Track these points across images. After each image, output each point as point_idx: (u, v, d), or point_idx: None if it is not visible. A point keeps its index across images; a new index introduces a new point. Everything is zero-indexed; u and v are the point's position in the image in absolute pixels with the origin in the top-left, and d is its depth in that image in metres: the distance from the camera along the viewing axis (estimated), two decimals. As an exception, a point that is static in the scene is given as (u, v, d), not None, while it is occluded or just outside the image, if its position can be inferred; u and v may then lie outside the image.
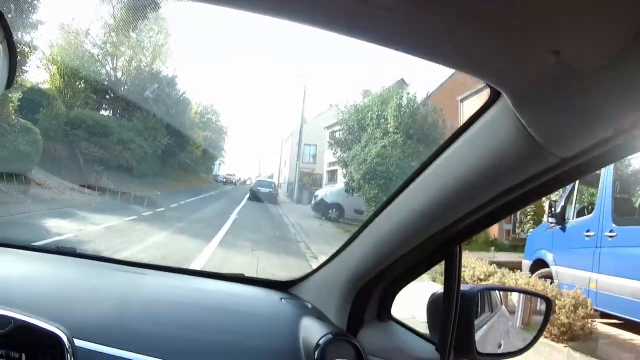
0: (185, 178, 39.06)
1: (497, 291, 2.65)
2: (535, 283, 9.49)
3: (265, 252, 14.94)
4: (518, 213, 19.99)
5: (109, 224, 16.55)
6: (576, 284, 10.00)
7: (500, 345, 2.45)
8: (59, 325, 1.69)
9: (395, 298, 2.35)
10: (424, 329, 2.24)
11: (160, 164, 33.48)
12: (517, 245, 18.82)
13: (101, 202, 21.62)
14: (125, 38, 34.33)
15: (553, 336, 8.63)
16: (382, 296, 2.28)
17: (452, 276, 1.93)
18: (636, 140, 1.23)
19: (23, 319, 1.65)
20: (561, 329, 8.56)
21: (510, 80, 1.18)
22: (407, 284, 2.25)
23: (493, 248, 18.72)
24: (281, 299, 2.58)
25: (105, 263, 2.94)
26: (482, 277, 10.68)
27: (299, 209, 31.79)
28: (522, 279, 10.00)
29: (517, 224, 20.62)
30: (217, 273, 2.96)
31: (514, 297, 2.73)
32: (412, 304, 3.31)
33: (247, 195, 34.89)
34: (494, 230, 20.95)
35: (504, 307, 2.56)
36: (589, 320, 8.81)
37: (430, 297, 2.13)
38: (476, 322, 2.11)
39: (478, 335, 2.11)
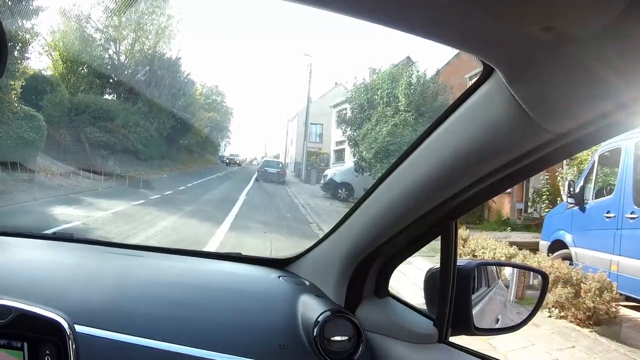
0: (191, 160, 39.13)
1: (494, 266, 2.58)
2: (559, 266, 9.13)
3: (278, 234, 14.68)
4: (530, 192, 19.85)
5: (117, 209, 16.39)
6: (597, 266, 9.76)
7: (497, 320, 2.38)
8: (59, 312, 1.69)
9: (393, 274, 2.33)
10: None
11: (167, 147, 33.48)
12: (530, 225, 18.63)
13: (108, 187, 21.51)
14: (127, 21, 34.31)
15: (578, 321, 8.44)
16: (379, 272, 2.28)
17: (448, 251, 1.95)
18: (635, 116, 1.23)
19: (23, 307, 1.64)
20: (587, 313, 8.37)
21: (503, 55, 1.17)
22: (404, 260, 2.26)
23: (509, 228, 18.35)
24: (279, 276, 2.57)
25: (104, 247, 2.97)
26: (502, 258, 10.18)
27: (308, 188, 31.70)
28: (545, 261, 9.72)
29: (529, 204, 20.22)
30: (215, 253, 3.08)
31: (507, 271, 2.55)
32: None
33: (255, 176, 35.01)
34: (506, 209, 20.78)
35: (500, 281, 2.45)
36: (614, 304, 8.59)
37: (427, 273, 2.13)
38: (473, 297, 2.13)
39: (475, 310, 2.12)
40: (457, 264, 1.98)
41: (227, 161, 50.81)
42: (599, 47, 1.02)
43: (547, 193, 18.10)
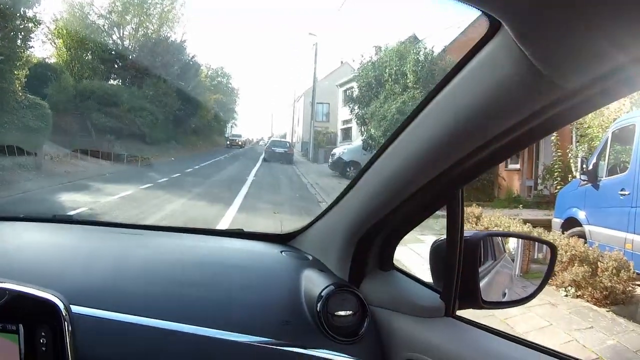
0: (198, 142, 39.19)
1: (499, 237, 2.47)
2: (576, 244, 9.02)
3: (288, 214, 14.69)
4: (540, 169, 19.61)
5: (125, 193, 16.33)
6: (611, 244, 9.69)
7: (504, 294, 2.32)
8: (54, 292, 1.59)
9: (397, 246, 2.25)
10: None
11: (173, 130, 33.59)
12: (540, 202, 18.37)
13: (115, 172, 21.47)
14: (130, 6, 34.33)
15: (595, 300, 8.35)
16: (384, 245, 2.21)
17: (455, 221, 1.87)
18: None
19: (18, 289, 1.56)
20: (603, 292, 8.27)
21: (512, 8, 1.12)
22: (408, 231, 2.17)
23: (520, 206, 18.09)
24: (281, 251, 2.53)
25: (104, 227, 2.99)
26: None
27: (316, 168, 31.70)
28: (560, 239, 9.54)
29: (539, 181, 20.01)
30: (217, 230, 3.14)
31: (512, 245, 2.49)
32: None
33: (262, 156, 35.08)
34: (516, 186, 20.67)
35: (506, 254, 2.38)
36: (631, 284, 8.51)
37: (432, 244, 2.05)
38: (481, 269, 2.06)
39: (482, 283, 2.05)
40: (464, 235, 1.91)
41: (228, 143, 47.62)
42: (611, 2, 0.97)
43: (559, 170, 17.77)
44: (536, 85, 1.26)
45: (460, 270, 1.88)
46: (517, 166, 20.17)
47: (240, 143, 49.65)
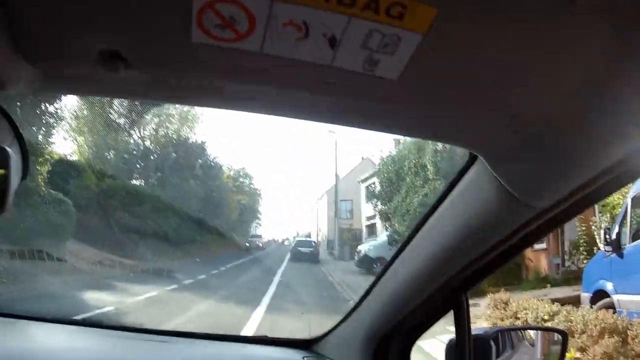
0: (223, 242, 38.62)
1: (512, 331, 2.66)
2: (604, 317, 9.15)
3: (316, 314, 14.50)
4: (566, 245, 19.74)
5: (150, 294, 16.11)
6: None
7: None
8: None
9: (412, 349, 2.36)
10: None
11: (197, 230, 33.36)
12: (569, 279, 18.35)
13: (140, 272, 21.27)
14: (149, 106, 34.97)
15: None
16: (400, 348, 2.31)
17: (462, 323, 2.01)
18: (618, 179, 1.32)
19: None
20: (635, 359, 8.32)
21: (482, 143, 1.33)
22: (421, 334, 2.30)
23: (549, 285, 18.10)
24: (303, 357, 2.60)
25: (130, 333, 2.99)
26: (546, 317, 10.32)
27: (342, 265, 31.47)
28: (589, 314, 9.73)
29: (566, 257, 19.96)
30: (241, 336, 3.21)
31: (531, 331, 2.71)
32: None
33: (288, 257, 34.82)
34: (543, 266, 20.61)
35: (526, 341, 2.54)
36: None
37: (447, 344, 2.14)
38: None
39: None
40: (474, 333, 2.08)
41: (247, 245, 41.74)
42: (561, 128, 1.16)
43: (584, 244, 18.00)
44: (512, 208, 1.42)
45: None
46: (544, 245, 19.99)
47: (261, 245, 45.52)
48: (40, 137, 21.22)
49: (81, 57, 1.01)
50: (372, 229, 36.81)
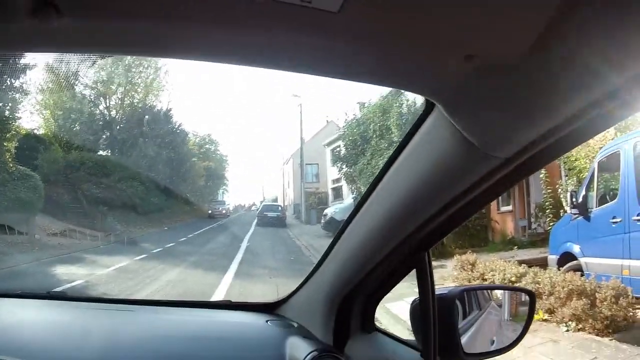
0: (190, 211, 38.52)
1: (477, 291, 2.62)
2: (572, 279, 9.19)
3: (284, 277, 14.58)
4: (532, 208, 19.77)
5: (119, 265, 16.25)
6: (608, 273, 9.72)
7: (493, 342, 2.41)
8: None
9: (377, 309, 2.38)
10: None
11: (165, 199, 33.25)
12: (535, 241, 18.37)
13: (109, 244, 21.29)
14: (115, 76, 34.43)
15: (597, 331, 8.47)
16: (363, 308, 2.30)
17: (425, 283, 1.95)
18: (580, 130, 1.27)
19: None
20: (604, 322, 8.42)
21: (436, 89, 1.23)
22: (385, 294, 2.29)
23: (515, 247, 17.95)
24: (267, 321, 2.58)
25: (97, 303, 3.01)
26: (513, 279, 10.37)
27: (309, 229, 31.37)
28: (557, 276, 9.76)
29: (532, 220, 20.00)
30: (205, 302, 3.15)
31: (498, 291, 2.70)
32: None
33: (255, 222, 34.74)
34: (510, 228, 20.58)
35: (493, 302, 2.53)
36: (631, 309, 8.69)
37: (412, 304, 2.10)
38: (463, 322, 2.17)
39: (467, 336, 2.15)
40: (438, 292, 1.99)
41: (210, 212, 40.82)
42: (527, 71, 1.08)
43: (550, 207, 17.89)
44: (473, 157, 1.35)
45: (436, 328, 1.92)
46: (510, 208, 20.23)
47: (224, 212, 43.60)
48: (6, 113, 21.22)
49: (8, 9, 0.91)
50: (338, 192, 36.86)
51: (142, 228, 26.44)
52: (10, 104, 21.38)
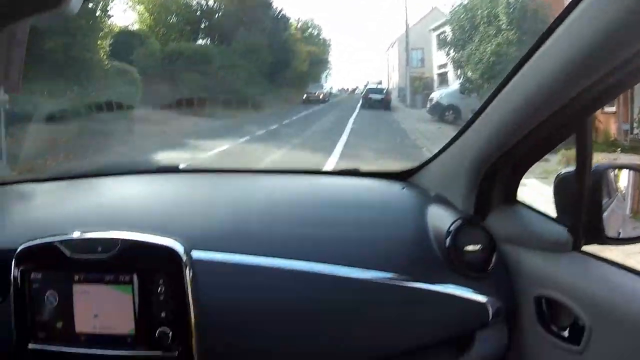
0: (294, 95, 39.10)
1: (612, 175, 2.15)
2: None
3: (390, 160, 14.48)
4: (636, 113, 19.11)
5: (223, 148, 16.32)
6: None
7: (619, 233, 2.04)
8: (172, 237, 1.64)
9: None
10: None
11: (268, 84, 33.90)
12: (637, 147, 17.80)
13: (211, 129, 21.56)
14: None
15: None
16: (508, 178, 2.11)
17: (584, 151, 1.74)
18: None
19: (131, 237, 1.60)
20: None
21: None
22: (533, 163, 2.06)
23: (618, 149, 17.12)
24: (402, 188, 2.43)
25: (213, 174, 2.97)
26: None
27: (414, 113, 31.47)
28: None
29: (635, 124, 19.47)
30: (332, 171, 3.04)
31: (623, 184, 2.19)
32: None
33: (360, 104, 34.89)
34: (612, 130, 19.94)
35: (619, 193, 2.12)
36: None
37: (556, 177, 1.92)
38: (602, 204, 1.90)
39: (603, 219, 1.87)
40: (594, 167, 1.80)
41: (305, 98, 38.93)
42: None
43: None
44: None
45: (587, 203, 1.76)
46: (613, 109, 19.27)
47: (321, 97, 41.14)
48: (98, 12, 21.38)
49: None
50: (443, 78, 36.37)
51: (245, 113, 26.75)
52: (102, 2, 21.49)
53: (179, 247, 1.56)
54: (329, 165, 12.88)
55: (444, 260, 1.85)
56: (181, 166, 2.88)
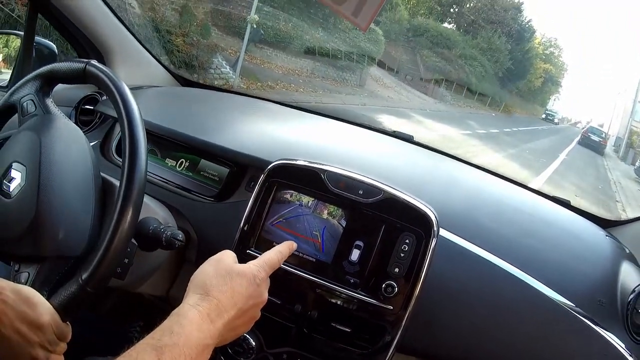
0: (520, 106, 38.83)
1: None
2: None
3: (587, 201, 14.57)
4: None
5: (445, 132, 16.66)
6: None
7: None
8: (428, 205, 1.61)
9: None
10: None
11: (499, 87, 33.47)
12: None
13: (436, 111, 21.78)
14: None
15: None
16: None
17: None
18: None
19: (393, 192, 1.59)
20: None
21: None
22: None
23: None
24: (606, 235, 2.26)
25: (442, 155, 2.70)
26: None
27: (622, 167, 30.22)
28: None
29: None
30: (545, 193, 2.60)
31: None
32: None
33: (578, 139, 34.15)
34: None
35: None
36: None
37: None
38: None
39: None
40: None
41: (544, 116, 44.52)
42: None
43: None
44: None
45: None
46: None
47: (556, 121, 46.07)
48: None
49: None
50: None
51: (471, 106, 26.79)
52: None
53: (433, 217, 1.58)
54: (535, 183, 13.46)
55: (620, 313, 1.83)
56: (415, 139, 2.96)
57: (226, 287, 1.12)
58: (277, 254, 1.32)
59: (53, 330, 1.12)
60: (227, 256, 1.21)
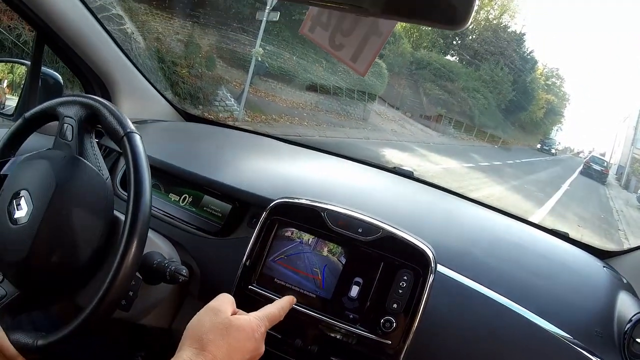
0: (522, 137, 38.86)
1: None
2: None
3: (589, 231, 14.57)
4: None
5: (447, 165, 16.87)
6: None
7: None
8: (425, 242, 1.69)
9: None
10: None
11: (501, 119, 33.50)
12: None
13: (440, 144, 22.02)
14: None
15: None
16: None
17: None
18: None
19: (392, 230, 1.68)
20: None
21: None
22: None
23: None
24: (603, 266, 2.37)
25: (442, 192, 2.80)
26: None
27: (625, 195, 29.82)
28: None
29: None
30: (544, 226, 2.67)
31: None
32: None
33: (580, 169, 34.22)
34: None
35: None
36: None
37: None
38: None
39: None
40: None
41: (539, 146, 42.69)
42: None
43: None
44: None
45: None
46: None
47: (553, 151, 44.72)
48: None
49: None
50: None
51: (473, 139, 26.96)
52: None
53: (430, 254, 1.65)
54: (537, 215, 13.71)
55: (617, 343, 1.87)
56: (415, 175, 2.78)
57: (223, 342, 1.16)
58: (278, 309, 1.39)
59: None
60: (226, 305, 1.27)
